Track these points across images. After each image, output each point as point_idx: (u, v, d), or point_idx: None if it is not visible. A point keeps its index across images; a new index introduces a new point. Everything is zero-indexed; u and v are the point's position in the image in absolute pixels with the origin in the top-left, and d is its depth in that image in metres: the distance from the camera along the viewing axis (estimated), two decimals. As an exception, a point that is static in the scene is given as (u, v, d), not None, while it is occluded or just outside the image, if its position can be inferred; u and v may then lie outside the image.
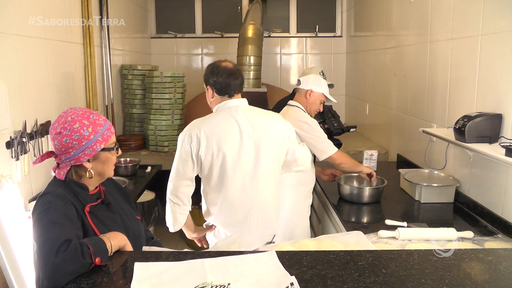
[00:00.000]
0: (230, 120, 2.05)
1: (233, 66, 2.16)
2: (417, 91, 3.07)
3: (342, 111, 5.29)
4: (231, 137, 2.02)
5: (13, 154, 2.27)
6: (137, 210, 1.78)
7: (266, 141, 2.05)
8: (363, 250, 1.40)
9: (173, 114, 3.96)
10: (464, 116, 2.13)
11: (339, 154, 2.51)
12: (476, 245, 1.82)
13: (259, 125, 2.06)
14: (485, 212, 2.18)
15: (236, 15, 5.44)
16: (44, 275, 1.21)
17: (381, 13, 3.97)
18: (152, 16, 5.44)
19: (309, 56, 5.49)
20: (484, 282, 1.19)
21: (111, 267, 1.28)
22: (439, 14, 2.70)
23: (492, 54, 2.12)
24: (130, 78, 4.12)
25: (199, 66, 5.52)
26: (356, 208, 2.46)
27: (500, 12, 2.07)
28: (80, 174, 1.49)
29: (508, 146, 1.84)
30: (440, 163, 2.67)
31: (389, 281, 1.19)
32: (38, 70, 2.60)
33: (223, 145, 2.01)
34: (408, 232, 1.91)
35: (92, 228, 1.43)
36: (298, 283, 1.16)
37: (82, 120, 1.45)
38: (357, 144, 4.07)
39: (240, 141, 2.03)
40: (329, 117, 3.08)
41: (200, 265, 1.26)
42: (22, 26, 2.41)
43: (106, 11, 3.71)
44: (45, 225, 1.31)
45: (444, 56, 2.62)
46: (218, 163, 2.03)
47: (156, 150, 3.98)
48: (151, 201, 3.53)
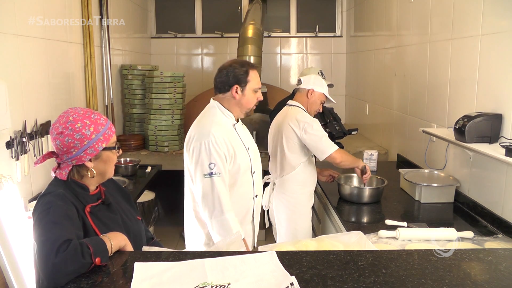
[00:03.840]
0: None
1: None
2: (417, 91, 3.07)
3: (342, 111, 5.29)
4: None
5: (13, 154, 2.27)
6: (137, 210, 1.78)
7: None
8: (363, 250, 1.41)
9: (173, 114, 3.96)
10: (464, 116, 2.13)
11: (338, 152, 2.50)
12: (476, 245, 1.82)
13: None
14: (485, 212, 2.18)
15: (236, 15, 5.44)
16: (44, 275, 1.21)
17: (381, 13, 3.97)
18: (152, 16, 5.44)
19: (309, 56, 5.49)
20: (484, 282, 1.19)
21: (111, 267, 1.28)
22: (439, 14, 2.70)
23: (492, 54, 2.12)
24: (130, 78, 4.12)
25: (199, 66, 5.52)
26: (356, 208, 2.46)
27: (500, 12, 2.07)
28: (82, 174, 1.49)
29: (508, 146, 1.83)
30: (440, 163, 2.67)
31: (389, 281, 1.19)
32: (38, 70, 2.60)
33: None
34: (408, 232, 1.91)
35: (93, 228, 1.43)
36: (298, 283, 1.16)
37: (83, 120, 1.45)
38: (357, 144, 4.07)
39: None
40: (330, 120, 3.09)
41: (200, 265, 1.26)
42: (22, 26, 2.41)
43: (106, 11, 3.71)
44: (46, 225, 1.31)
45: (444, 56, 2.62)
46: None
47: (156, 150, 3.98)
48: (151, 201, 3.53)
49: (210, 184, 1.95)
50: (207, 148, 1.95)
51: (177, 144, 4.00)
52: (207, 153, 1.95)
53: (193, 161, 2.00)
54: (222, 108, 2.08)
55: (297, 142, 2.52)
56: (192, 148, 2.00)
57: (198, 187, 2.00)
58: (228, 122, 2.08)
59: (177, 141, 4.00)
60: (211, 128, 1.98)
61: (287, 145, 2.53)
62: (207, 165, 1.95)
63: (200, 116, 2.12)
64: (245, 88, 2.05)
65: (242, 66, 2.05)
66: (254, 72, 2.07)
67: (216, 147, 1.96)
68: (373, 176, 2.70)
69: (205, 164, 1.95)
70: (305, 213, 2.64)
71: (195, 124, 2.09)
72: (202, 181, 1.97)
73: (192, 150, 2.00)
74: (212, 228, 1.99)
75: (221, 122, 2.05)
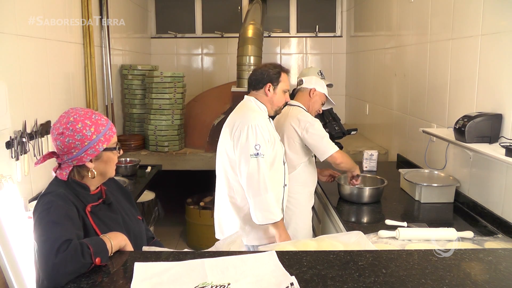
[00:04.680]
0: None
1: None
2: (417, 91, 3.07)
3: (342, 111, 5.29)
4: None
5: (13, 154, 2.27)
6: (138, 210, 1.77)
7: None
8: (363, 250, 1.41)
9: (173, 114, 3.96)
10: (464, 116, 2.13)
11: (339, 153, 2.50)
12: (476, 245, 1.82)
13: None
14: (485, 212, 2.18)
15: (236, 15, 5.44)
16: (44, 275, 1.21)
17: (381, 13, 3.97)
18: (152, 16, 5.44)
19: (309, 56, 5.49)
20: (484, 282, 1.19)
21: (111, 267, 1.28)
22: (439, 14, 2.70)
23: (492, 54, 2.12)
24: (130, 78, 4.12)
25: (199, 66, 5.52)
26: (356, 208, 2.46)
27: (500, 12, 2.07)
28: (83, 174, 1.49)
29: (508, 146, 1.83)
30: (440, 163, 2.67)
31: (389, 281, 1.19)
32: (38, 70, 2.60)
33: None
34: (408, 232, 1.91)
35: (93, 228, 1.43)
36: (298, 283, 1.16)
37: (84, 120, 1.45)
38: (357, 144, 4.07)
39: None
40: (330, 120, 3.09)
41: (200, 265, 1.26)
42: (22, 26, 2.41)
43: (106, 11, 3.71)
44: (46, 225, 1.31)
45: (444, 56, 2.62)
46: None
47: (156, 150, 3.98)
48: (151, 201, 3.53)
49: (256, 164, 2.09)
50: (253, 131, 2.11)
51: (177, 144, 4.00)
52: (253, 135, 2.10)
53: (239, 144, 2.13)
54: (258, 102, 2.27)
55: (298, 142, 2.52)
56: (239, 133, 2.13)
57: (243, 169, 2.12)
58: (264, 115, 2.25)
59: (177, 141, 4.00)
60: (255, 114, 2.18)
61: (288, 144, 2.53)
62: (253, 146, 2.10)
63: (238, 108, 2.29)
64: (277, 87, 2.26)
65: (275, 68, 2.30)
66: (285, 75, 2.31)
67: (262, 130, 2.12)
68: (373, 176, 2.71)
69: (251, 145, 2.10)
70: (305, 213, 2.64)
71: (235, 114, 2.25)
72: (248, 162, 2.10)
73: (239, 134, 2.13)
74: (254, 207, 2.12)
75: (260, 112, 2.23)
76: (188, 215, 4.24)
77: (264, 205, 2.10)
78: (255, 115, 2.17)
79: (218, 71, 5.50)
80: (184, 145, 4.16)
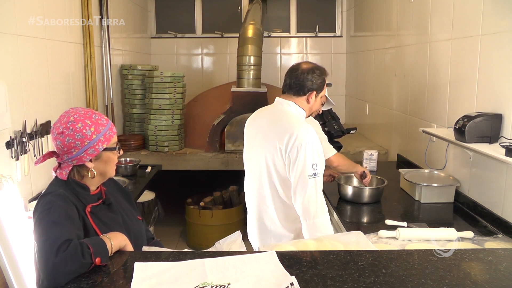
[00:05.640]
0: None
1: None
2: (417, 91, 3.07)
3: (342, 111, 5.29)
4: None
5: (13, 154, 2.27)
6: (138, 210, 1.78)
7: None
8: (363, 250, 1.40)
9: (173, 114, 3.96)
10: (464, 116, 2.13)
11: (336, 156, 2.50)
12: (476, 245, 1.82)
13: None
14: (485, 212, 2.18)
15: (236, 15, 5.44)
16: (44, 275, 1.21)
17: (381, 13, 3.97)
18: (152, 16, 5.44)
19: (309, 56, 5.49)
20: (484, 282, 1.19)
21: (111, 267, 1.28)
22: (439, 14, 2.70)
23: (492, 54, 2.12)
24: (130, 78, 4.12)
25: (199, 66, 5.52)
26: (356, 208, 2.46)
27: (500, 12, 2.07)
28: (82, 174, 1.49)
29: (508, 146, 1.84)
30: (440, 163, 2.67)
31: (389, 281, 1.19)
32: (38, 70, 2.60)
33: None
34: (408, 232, 1.91)
35: (94, 228, 1.43)
36: (298, 283, 1.16)
37: (84, 120, 1.45)
38: (357, 144, 4.07)
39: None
40: (329, 119, 3.09)
41: (200, 265, 1.26)
42: (22, 26, 2.41)
43: (106, 11, 3.71)
44: (46, 225, 1.31)
45: (444, 56, 2.62)
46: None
47: (156, 150, 3.98)
48: (151, 201, 3.53)
49: (314, 185, 1.93)
50: (311, 149, 1.92)
51: (177, 144, 4.00)
52: (311, 154, 1.92)
53: (296, 166, 1.93)
54: (298, 108, 2.09)
55: None
56: (295, 152, 1.93)
57: (299, 192, 1.94)
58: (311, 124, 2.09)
59: (177, 141, 4.00)
60: (309, 128, 1.97)
61: None
62: (310, 166, 1.92)
63: (281, 116, 2.08)
64: (319, 95, 2.11)
65: (321, 75, 2.09)
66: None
67: (318, 146, 1.95)
68: (373, 176, 2.70)
69: (308, 165, 1.92)
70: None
71: (282, 123, 2.03)
72: (305, 185, 1.92)
73: (296, 155, 1.93)
74: (308, 229, 1.95)
75: (309, 123, 2.04)
76: (188, 215, 4.24)
77: (320, 228, 1.93)
78: (309, 129, 1.96)
79: (218, 71, 5.50)
80: (184, 145, 4.16)
